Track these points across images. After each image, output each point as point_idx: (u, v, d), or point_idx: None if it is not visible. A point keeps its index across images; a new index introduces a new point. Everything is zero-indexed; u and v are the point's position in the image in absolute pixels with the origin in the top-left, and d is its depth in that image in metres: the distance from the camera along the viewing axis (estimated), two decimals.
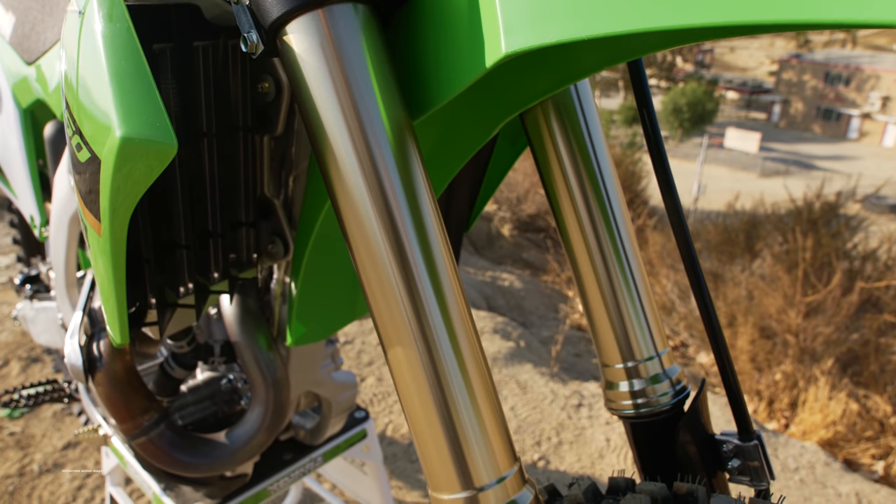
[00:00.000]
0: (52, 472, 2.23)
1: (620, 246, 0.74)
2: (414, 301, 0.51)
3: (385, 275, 0.52)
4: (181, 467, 0.94)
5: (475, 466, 0.52)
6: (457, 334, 0.52)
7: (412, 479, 2.22)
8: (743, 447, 0.69)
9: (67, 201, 1.21)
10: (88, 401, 1.32)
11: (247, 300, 0.99)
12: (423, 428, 0.53)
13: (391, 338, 0.53)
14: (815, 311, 3.51)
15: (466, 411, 0.52)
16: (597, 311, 0.75)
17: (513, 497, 0.53)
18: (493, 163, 1.05)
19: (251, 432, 0.96)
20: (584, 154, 0.75)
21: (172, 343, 0.99)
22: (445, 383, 0.51)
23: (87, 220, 0.61)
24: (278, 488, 1.32)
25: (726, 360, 0.70)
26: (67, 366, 0.93)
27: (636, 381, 0.73)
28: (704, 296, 0.72)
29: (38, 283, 1.81)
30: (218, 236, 0.80)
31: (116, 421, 0.91)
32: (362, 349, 3.06)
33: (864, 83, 41.71)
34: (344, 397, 1.22)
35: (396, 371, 0.53)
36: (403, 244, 0.52)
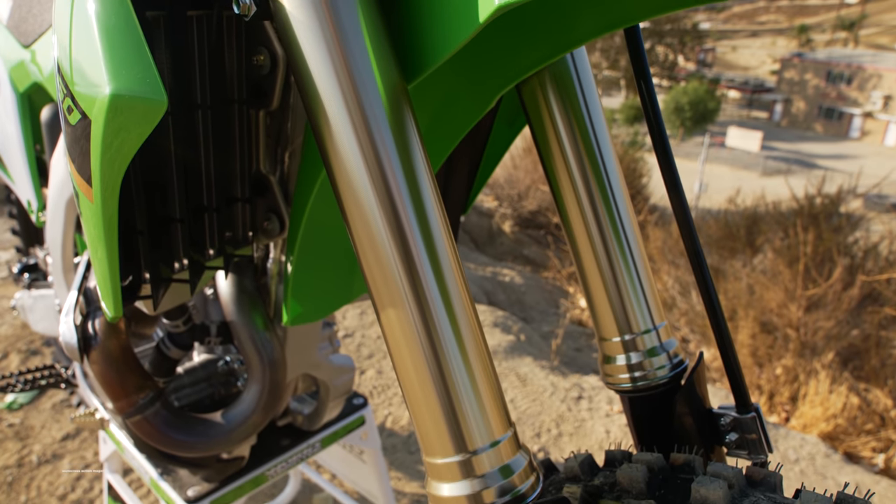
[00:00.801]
0: (50, 462, 2.23)
1: (618, 219, 0.73)
2: (408, 263, 0.51)
3: (379, 239, 0.51)
4: (176, 446, 0.93)
5: (468, 430, 0.51)
6: (452, 299, 0.52)
7: (411, 471, 2.22)
8: (741, 419, 0.69)
9: (64, 184, 1.20)
10: (85, 385, 1.32)
11: (243, 280, 0.98)
12: (417, 392, 0.52)
13: (384, 301, 0.52)
14: (816, 306, 3.50)
15: (460, 375, 0.51)
16: (594, 285, 0.74)
17: (506, 462, 0.52)
18: (491, 144, 1.04)
19: (247, 412, 0.95)
20: (581, 127, 0.74)
21: (168, 322, 0.99)
22: (439, 346, 0.51)
23: (79, 186, 0.60)
24: (276, 474, 1.31)
25: (725, 333, 0.70)
26: (62, 344, 0.92)
27: (633, 354, 0.72)
28: (701, 263, 0.71)
29: (37, 271, 1.80)
30: (213, 211, 0.79)
31: (111, 399, 0.90)
32: (362, 342, 3.06)
33: (866, 82, 41.63)
34: (341, 381, 1.22)
35: (390, 334, 0.53)
36: (398, 210, 0.51)
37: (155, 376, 1.00)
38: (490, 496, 0.51)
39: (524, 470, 0.53)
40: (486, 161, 1.06)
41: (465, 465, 0.51)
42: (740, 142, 35.18)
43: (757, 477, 0.58)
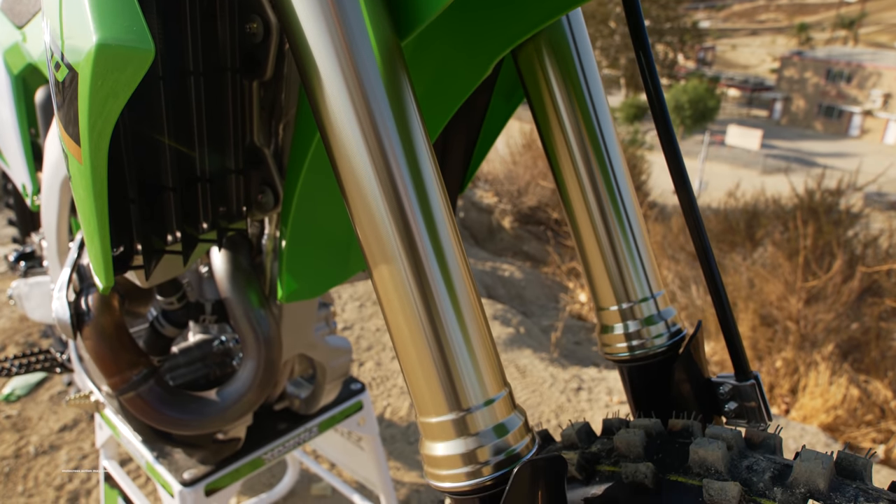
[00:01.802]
0: (48, 453, 2.22)
1: (615, 186, 0.72)
2: (402, 217, 0.50)
3: (373, 195, 0.51)
4: (171, 424, 0.92)
5: (462, 388, 0.50)
6: (446, 256, 0.51)
7: (410, 461, 2.21)
8: (740, 387, 0.68)
9: (59, 165, 1.19)
10: (80, 368, 1.31)
11: (238, 257, 0.97)
12: (410, 349, 0.51)
13: (377, 256, 0.51)
14: (816, 298, 3.49)
15: (454, 332, 0.50)
16: (591, 253, 0.73)
17: (501, 420, 0.51)
18: (488, 119, 1.04)
19: (242, 390, 0.94)
20: (578, 95, 0.73)
21: (162, 300, 0.98)
22: (433, 302, 0.50)
23: (68, 148, 0.60)
24: (272, 457, 1.31)
25: (724, 300, 0.69)
26: (55, 320, 0.91)
27: (631, 322, 0.72)
28: (701, 233, 0.70)
29: (33, 259, 1.80)
30: (206, 182, 0.78)
31: (105, 375, 0.89)
32: (361, 335, 3.05)
33: (866, 80, 41.60)
34: (338, 363, 1.21)
35: (382, 291, 0.52)
36: (393, 169, 0.50)
37: (149, 355, 0.99)
38: (484, 455, 0.50)
39: (519, 430, 0.52)
40: (482, 138, 1.05)
41: (458, 423, 0.50)
42: (740, 140, 35.16)
43: (756, 439, 0.57)
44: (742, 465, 0.54)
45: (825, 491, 0.49)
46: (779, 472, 0.52)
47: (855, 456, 0.51)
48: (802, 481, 0.50)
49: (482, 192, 7.29)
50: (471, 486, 0.50)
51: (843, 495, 0.48)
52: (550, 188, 6.69)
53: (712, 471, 0.54)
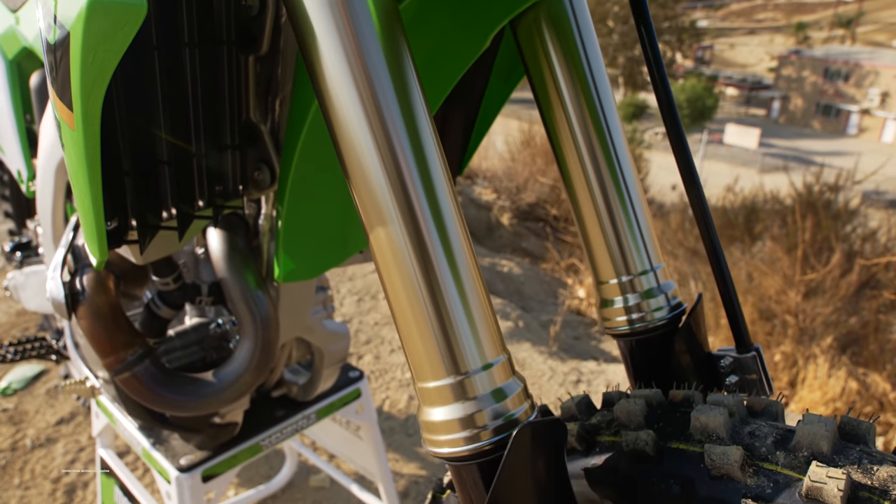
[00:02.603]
0: (44, 446, 2.21)
1: (615, 159, 0.72)
2: (401, 180, 0.49)
3: (370, 156, 0.50)
4: (166, 405, 0.92)
5: (460, 351, 0.49)
6: (444, 219, 0.50)
7: (409, 452, 2.20)
8: (741, 359, 0.67)
9: (54, 148, 1.18)
10: (76, 355, 1.30)
11: (235, 237, 0.97)
12: (407, 313, 0.51)
13: (373, 220, 0.51)
14: (815, 292, 3.49)
15: (452, 296, 0.50)
16: (591, 226, 0.72)
17: (499, 385, 0.51)
18: (486, 101, 1.03)
19: (239, 371, 0.93)
20: (578, 67, 0.73)
21: (158, 280, 0.97)
22: (430, 265, 0.49)
23: (61, 115, 0.59)
24: (270, 444, 1.30)
25: (725, 272, 0.68)
26: (50, 300, 0.91)
27: (630, 295, 0.71)
28: (704, 210, 0.70)
29: (28, 249, 1.78)
30: (201, 157, 0.77)
31: (100, 355, 0.89)
32: (359, 328, 3.04)
33: (864, 79, 41.65)
34: (336, 347, 1.20)
35: (379, 254, 0.51)
36: (391, 134, 0.50)
37: (145, 337, 0.98)
38: (483, 419, 0.49)
39: (518, 395, 0.51)
40: (480, 119, 1.05)
41: (456, 387, 0.50)
42: (738, 139, 35.19)
43: (758, 407, 0.57)
44: (744, 430, 0.53)
45: (829, 454, 0.48)
46: (781, 437, 0.51)
47: (858, 420, 0.51)
48: (805, 445, 0.49)
49: (481, 188, 7.28)
50: (469, 451, 0.50)
51: (847, 458, 0.48)
52: (549, 185, 6.69)
53: (714, 437, 0.53)
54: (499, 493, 0.48)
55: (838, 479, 0.44)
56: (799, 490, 0.47)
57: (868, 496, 0.45)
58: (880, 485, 0.45)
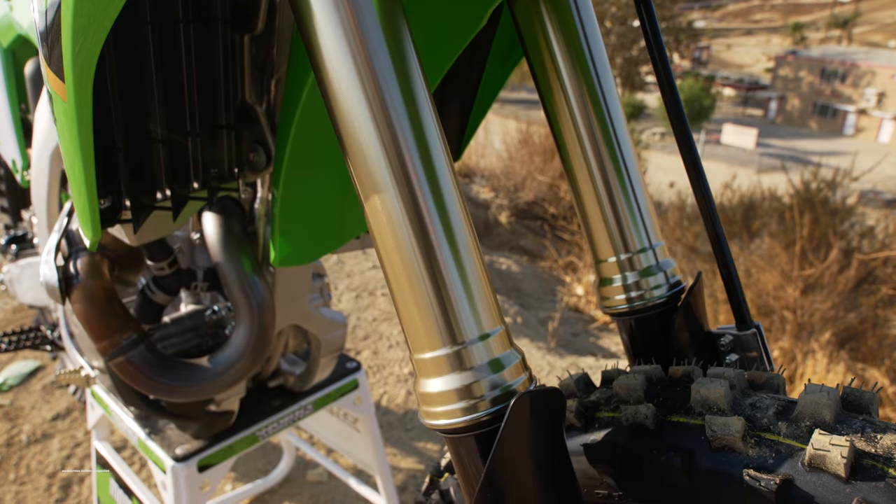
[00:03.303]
0: (40, 442, 2.19)
1: (614, 137, 0.71)
2: (396, 147, 0.48)
3: (365, 123, 0.49)
4: (162, 390, 0.91)
5: (457, 321, 0.49)
6: (441, 188, 0.49)
7: (407, 447, 2.19)
8: (741, 337, 0.67)
9: (48, 135, 1.18)
10: (71, 345, 1.29)
11: (231, 222, 0.96)
12: (404, 284, 0.50)
13: (368, 189, 0.50)
14: (813, 288, 3.48)
15: (448, 265, 0.49)
16: (589, 204, 0.72)
17: (497, 356, 0.50)
18: (483, 85, 1.02)
19: (235, 356, 0.92)
20: (576, 45, 0.72)
21: (153, 265, 0.96)
22: (428, 235, 0.49)
23: (53, 87, 0.58)
24: (267, 434, 1.29)
25: (725, 248, 0.67)
26: (43, 285, 0.90)
27: (629, 273, 0.70)
28: (705, 191, 0.69)
29: (23, 242, 1.77)
30: (196, 136, 0.77)
31: (94, 340, 0.88)
32: (357, 324, 3.03)
33: (860, 79, 41.76)
34: (333, 336, 1.19)
35: (375, 223, 0.50)
36: (390, 108, 0.49)
37: (140, 323, 0.97)
38: (480, 389, 0.49)
39: (516, 367, 0.51)
40: (478, 104, 1.04)
41: (453, 357, 0.49)
42: (736, 139, 35.25)
43: (759, 380, 0.56)
44: (745, 402, 0.53)
45: (831, 423, 0.47)
46: (783, 408, 0.51)
47: (861, 390, 0.50)
48: (808, 414, 0.48)
49: (479, 187, 7.27)
50: (466, 422, 0.49)
51: (850, 427, 0.47)
52: (547, 183, 6.68)
53: (714, 409, 0.52)
54: (496, 465, 0.47)
55: (842, 446, 0.44)
56: (802, 459, 0.46)
57: (872, 464, 0.44)
58: (884, 452, 0.44)
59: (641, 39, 30.58)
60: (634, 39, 32.53)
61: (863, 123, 40.87)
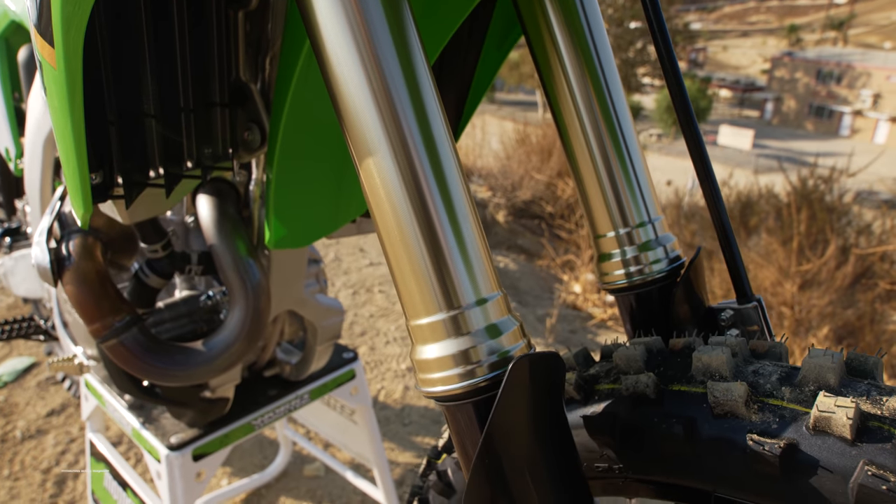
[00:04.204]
0: (34, 438, 2.18)
1: (612, 112, 0.70)
2: (392, 109, 0.47)
3: (361, 89, 0.48)
4: (155, 374, 0.89)
5: (453, 285, 0.48)
6: (439, 152, 0.48)
7: (405, 442, 2.18)
8: (742, 311, 0.66)
9: (42, 121, 1.16)
10: (64, 333, 1.27)
11: (225, 204, 0.95)
12: (400, 249, 0.49)
13: (363, 151, 0.49)
14: (810, 284, 3.48)
15: (445, 228, 0.48)
16: (587, 179, 0.71)
17: (494, 321, 0.49)
18: (480, 68, 1.01)
19: (230, 339, 0.91)
20: (574, 19, 0.71)
21: (146, 247, 0.95)
22: (423, 198, 0.48)
23: (42, 53, 0.57)
24: (262, 423, 1.28)
25: (725, 222, 0.67)
26: (35, 267, 0.88)
27: (628, 248, 0.69)
28: (705, 160, 0.68)
29: (17, 235, 1.76)
30: (189, 112, 0.76)
31: (86, 322, 0.86)
32: (354, 321, 3.02)
33: (856, 80, 41.93)
34: (329, 323, 1.18)
35: (371, 189, 0.49)
36: (388, 79, 0.48)
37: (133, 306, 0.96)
38: (477, 354, 0.47)
39: (514, 333, 0.50)
40: (474, 88, 1.03)
41: (450, 322, 0.48)
42: (732, 140, 35.35)
43: (761, 349, 0.55)
44: (747, 370, 0.52)
45: (836, 387, 0.47)
46: (786, 374, 0.50)
47: (865, 355, 0.49)
48: (812, 378, 0.48)
49: (476, 186, 7.27)
50: (463, 388, 0.48)
51: (855, 391, 0.46)
52: (545, 182, 6.68)
53: (716, 376, 0.51)
54: (495, 430, 0.46)
55: (847, 407, 0.43)
56: (806, 423, 0.45)
57: (878, 426, 0.43)
58: (890, 414, 0.43)
59: (638, 41, 30.49)
60: (631, 41, 32.60)
61: (858, 125, 41.02)
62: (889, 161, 19.98)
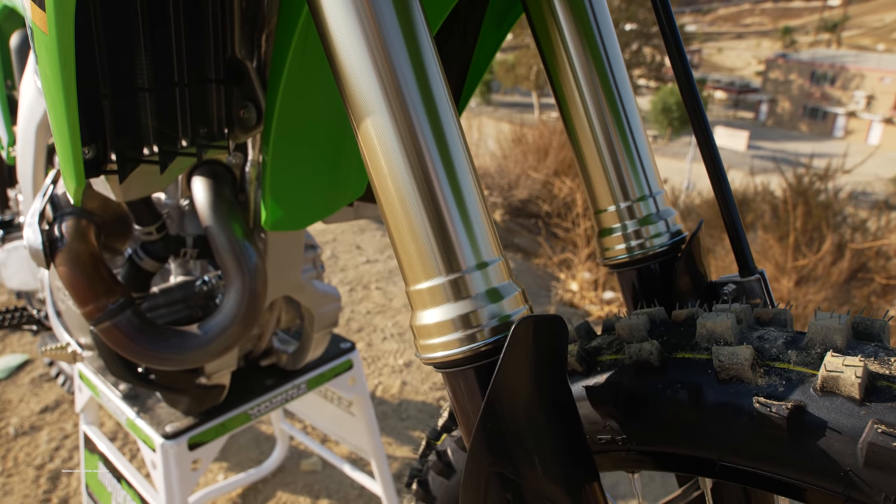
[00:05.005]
0: (28, 434, 2.15)
1: (612, 83, 0.69)
2: (390, 68, 0.47)
3: (357, 44, 0.47)
4: (150, 357, 0.88)
5: (454, 248, 0.47)
6: (440, 114, 0.48)
7: (402, 436, 2.17)
8: (744, 284, 0.65)
9: (34, 107, 1.15)
10: (58, 323, 1.26)
11: (221, 186, 0.94)
12: (399, 213, 0.48)
13: (361, 112, 0.48)
14: (807, 279, 3.49)
15: (445, 192, 0.47)
16: (588, 153, 0.70)
17: (496, 285, 0.48)
18: (479, 49, 1.01)
19: (225, 322, 0.90)
20: None
21: (141, 229, 0.94)
22: (424, 160, 0.47)
23: (34, 19, 0.56)
24: (259, 413, 1.26)
25: (727, 194, 0.66)
26: (27, 248, 0.87)
27: (629, 222, 0.69)
28: (709, 141, 0.68)
29: (10, 227, 1.74)
30: (184, 86, 0.74)
31: (79, 304, 0.85)
32: (351, 317, 3.01)
33: (849, 82, 42.16)
34: (326, 310, 1.17)
35: (370, 152, 0.48)
36: (384, 35, 0.47)
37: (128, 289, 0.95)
38: (478, 318, 0.47)
39: (515, 297, 0.49)
40: (473, 68, 1.02)
41: (451, 285, 0.47)
42: (727, 141, 35.46)
43: (766, 316, 0.55)
44: (752, 336, 0.51)
45: (843, 348, 0.46)
46: (792, 339, 0.49)
47: (871, 319, 0.49)
48: (818, 341, 0.47)
49: None
50: (464, 353, 0.47)
51: (862, 352, 0.45)
52: (541, 181, 6.68)
53: (721, 342, 0.51)
54: (496, 395, 0.45)
55: (855, 366, 0.42)
56: (813, 385, 0.44)
57: (887, 385, 0.42)
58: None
59: (634, 43, 30.45)
60: (627, 43, 32.69)
61: (852, 126, 41.23)
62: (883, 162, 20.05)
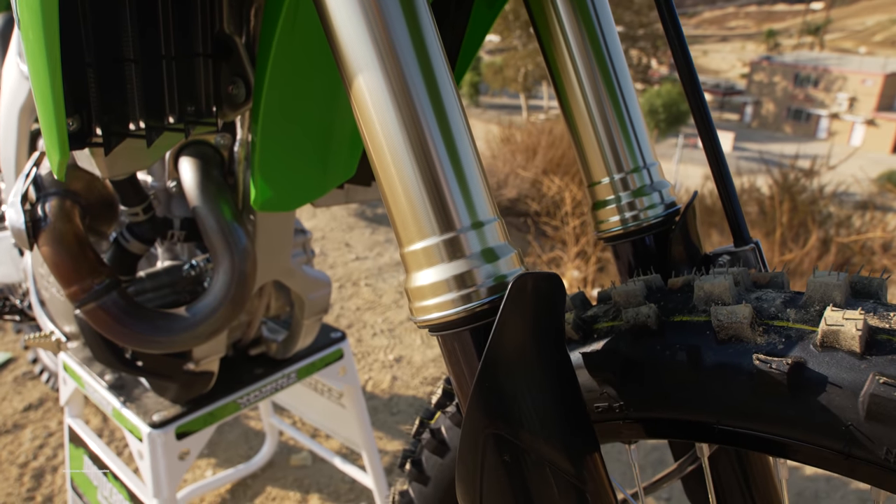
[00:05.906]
0: (11, 432, 2.11)
1: (605, 52, 0.69)
2: (382, 19, 0.46)
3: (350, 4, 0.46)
4: (137, 340, 0.86)
5: (449, 207, 0.46)
6: (434, 71, 0.47)
7: (393, 430, 2.15)
8: (739, 254, 0.65)
9: (16, 91, 1.13)
10: (41, 312, 1.23)
11: (209, 167, 0.92)
12: (392, 171, 0.47)
13: (351, 69, 0.47)
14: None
15: (439, 149, 0.46)
16: (581, 125, 0.70)
17: (491, 245, 0.47)
18: (470, 29, 1.00)
19: (214, 304, 0.88)
20: None
21: (127, 210, 0.92)
22: (417, 117, 0.46)
23: None
24: (248, 402, 1.25)
25: (722, 163, 0.66)
26: (10, 228, 0.85)
27: (623, 194, 0.68)
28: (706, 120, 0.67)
29: None
30: (171, 59, 0.73)
31: (63, 285, 0.83)
32: (341, 314, 2.99)
33: (832, 84, 42.78)
34: (316, 296, 1.15)
35: (361, 108, 0.47)
36: None
37: None
38: (473, 278, 0.46)
39: (512, 258, 0.48)
40: (465, 49, 1.02)
41: (445, 244, 0.46)
42: None
43: (763, 280, 0.54)
44: (750, 297, 0.51)
45: (842, 305, 0.45)
46: (790, 298, 0.49)
47: (869, 277, 0.48)
48: (817, 298, 0.46)
49: None
50: (459, 313, 0.46)
51: (862, 307, 0.45)
52: (530, 180, 6.69)
53: (719, 303, 0.50)
54: (493, 354, 0.44)
55: (856, 318, 0.42)
56: (813, 341, 0.44)
57: (887, 338, 0.42)
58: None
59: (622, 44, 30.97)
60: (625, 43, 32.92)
61: (835, 127, 41.82)
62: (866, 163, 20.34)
